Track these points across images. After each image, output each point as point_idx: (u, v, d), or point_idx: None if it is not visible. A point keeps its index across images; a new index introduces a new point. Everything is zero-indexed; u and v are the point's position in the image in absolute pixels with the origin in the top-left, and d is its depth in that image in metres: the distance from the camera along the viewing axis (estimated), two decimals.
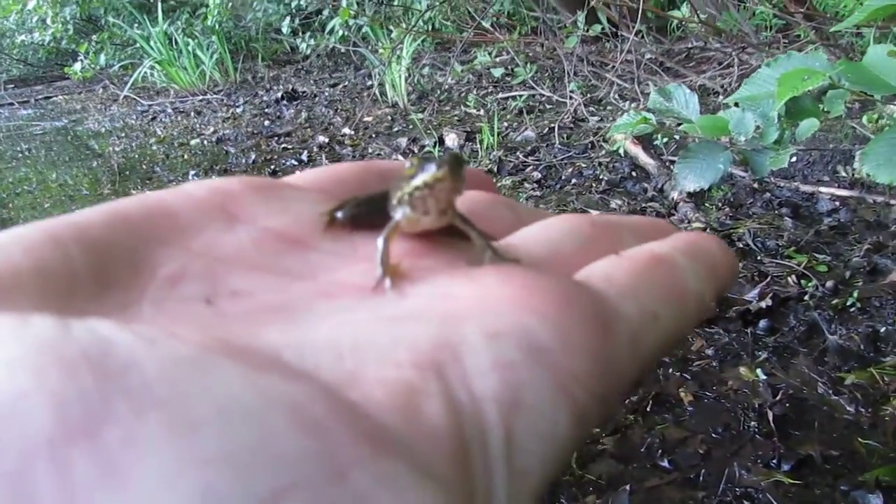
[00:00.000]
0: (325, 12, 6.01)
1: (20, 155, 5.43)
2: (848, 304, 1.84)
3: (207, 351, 0.21)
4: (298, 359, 0.23)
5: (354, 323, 0.26)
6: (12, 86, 10.17)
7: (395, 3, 5.52)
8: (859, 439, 1.44)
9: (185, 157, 4.56)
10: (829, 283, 1.92)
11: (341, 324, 0.26)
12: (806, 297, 1.89)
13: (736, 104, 1.72)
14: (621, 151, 3.11)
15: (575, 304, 0.27)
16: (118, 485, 0.17)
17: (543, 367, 0.24)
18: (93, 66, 7.63)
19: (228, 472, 0.18)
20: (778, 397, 1.55)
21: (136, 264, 0.29)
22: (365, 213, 0.35)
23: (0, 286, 0.25)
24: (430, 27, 5.21)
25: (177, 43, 7.18)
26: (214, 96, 6.61)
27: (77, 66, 7.53)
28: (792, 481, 1.36)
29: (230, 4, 6.94)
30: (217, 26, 7.08)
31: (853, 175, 2.59)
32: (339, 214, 0.34)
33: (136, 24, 7.69)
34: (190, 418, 0.18)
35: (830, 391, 1.57)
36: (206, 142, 4.86)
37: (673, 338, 0.30)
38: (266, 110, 5.67)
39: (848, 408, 1.52)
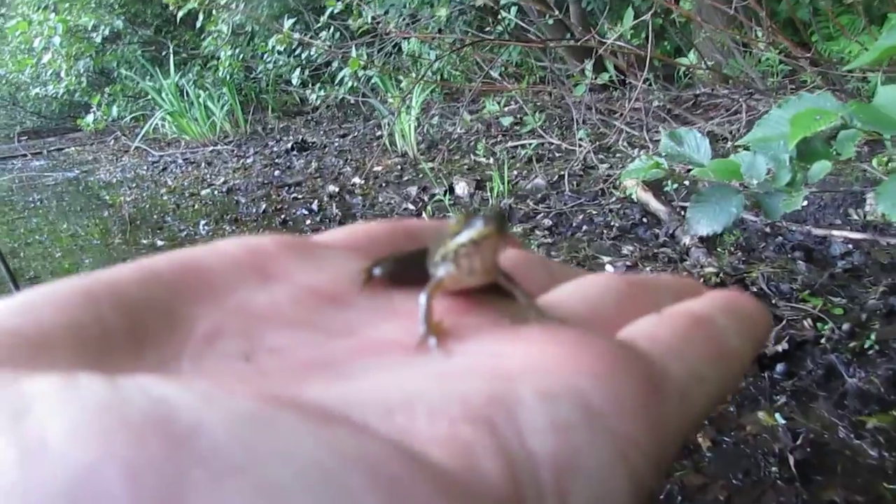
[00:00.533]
0: (335, 64, 6.08)
1: (32, 205, 5.47)
2: (866, 346, 1.82)
3: (267, 406, 0.20)
4: (345, 412, 0.22)
5: (401, 378, 0.25)
6: (26, 137, 10.31)
7: (405, 53, 5.58)
8: (884, 484, 1.42)
9: (196, 206, 4.58)
10: (846, 326, 1.90)
11: (387, 379, 0.25)
12: (822, 341, 1.87)
13: (746, 148, 1.73)
14: (633, 197, 3.12)
15: (626, 365, 0.26)
16: None
17: (601, 430, 0.23)
18: (105, 117, 7.72)
19: None
20: (798, 442, 1.52)
21: (171, 322, 0.28)
22: (403, 271, 0.34)
23: (32, 344, 0.24)
24: (439, 77, 5.26)
25: (188, 95, 7.28)
26: (225, 147, 6.67)
27: (90, 117, 7.61)
28: None
29: (241, 56, 7.03)
30: (228, 78, 7.17)
31: (865, 218, 2.58)
32: (377, 271, 0.34)
33: (148, 77, 7.81)
34: (270, 484, 0.18)
35: (852, 435, 1.55)
36: (216, 192, 4.90)
37: (718, 397, 0.30)
38: (276, 161, 5.71)
39: (871, 452, 1.49)
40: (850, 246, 2.40)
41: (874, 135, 2.72)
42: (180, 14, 5.14)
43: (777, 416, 1.63)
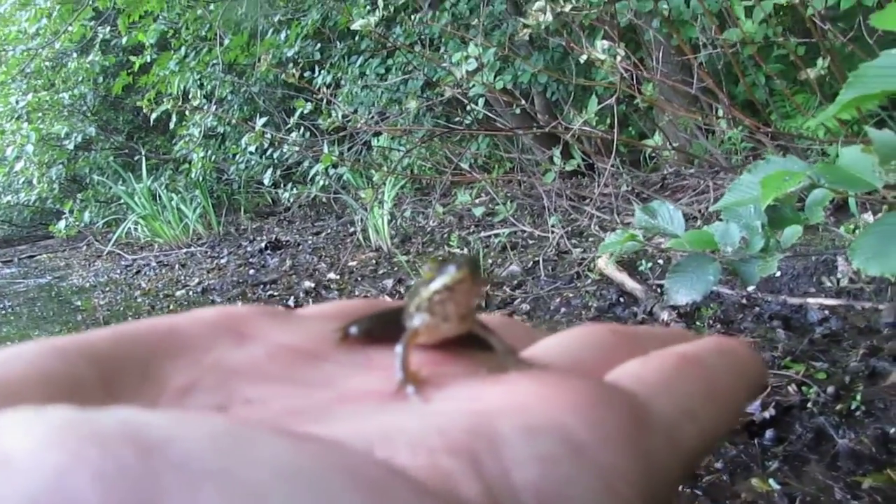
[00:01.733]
0: (306, 163, 6.16)
1: (3, 312, 5.40)
2: (853, 407, 1.82)
3: (245, 427, 0.20)
4: None
5: (381, 419, 0.25)
6: None
7: (374, 151, 5.67)
8: None
9: (171, 307, 4.55)
10: (831, 389, 1.91)
11: (367, 420, 0.25)
12: (809, 405, 1.87)
13: (719, 218, 1.76)
14: (608, 273, 3.15)
15: (608, 401, 0.26)
16: None
17: (586, 462, 0.23)
18: (77, 223, 7.72)
19: None
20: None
21: (146, 376, 0.28)
22: (379, 329, 0.34)
23: (1, 395, 0.24)
24: (410, 171, 5.34)
25: (160, 198, 7.31)
26: (198, 248, 6.67)
27: (61, 224, 7.61)
28: None
29: (213, 158, 7.10)
30: (200, 180, 7.23)
31: (838, 284, 2.62)
32: (353, 330, 0.34)
33: (120, 182, 7.85)
34: (248, 486, 0.17)
35: (849, 496, 1.53)
36: (191, 292, 4.87)
37: (712, 436, 0.29)
38: (250, 260, 5.71)
39: None
40: (827, 312, 2.43)
41: (841, 202, 2.79)
42: (154, 116, 5.21)
43: (771, 481, 1.62)
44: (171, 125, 6.96)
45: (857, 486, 1.57)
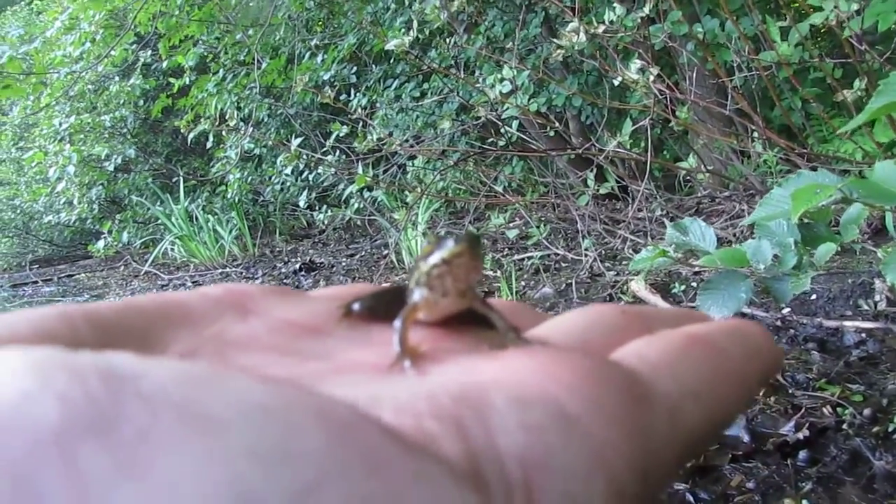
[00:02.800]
0: (341, 186, 6.21)
1: None
2: (889, 430, 1.79)
3: (222, 370, 0.20)
4: None
5: (371, 386, 0.25)
6: (37, 265, 10.44)
7: (409, 175, 5.71)
8: None
9: None
10: (867, 412, 1.87)
11: (357, 388, 0.25)
12: (844, 426, 1.84)
13: (752, 235, 1.75)
14: (641, 296, 3.13)
15: (605, 378, 0.26)
16: (137, 477, 0.16)
17: (576, 434, 0.23)
18: (115, 243, 7.83)
19: (258, 466, 0.17)
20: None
21: (146, 343, 0.29)
22: (382, 306, 0.34)
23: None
24: (444, 194, 5.37)
25: (197, 219, 7.40)
26: (234, 269, 6.73)
27: (100, 243, 7.72)
28: None
29: (249, 180, 7.18)
30: (236, 202, 7.31)
31: (876, 308, 2.58)
32: (356, 306, 0.34)
33: (158, 203, 7.96)
34: (210, 418, 0.18)
35: None
36: None
37: (719, 419, 0.29)
38: (284, 281, 5.75)
39: None
40: (864, 335, 2.39)
41: (879, 225, 2.75)
42: (191, 137, 5.29)
43: (805, 503, 1.59)
44: (209, 147, 7.07)
45: None
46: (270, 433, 0.18)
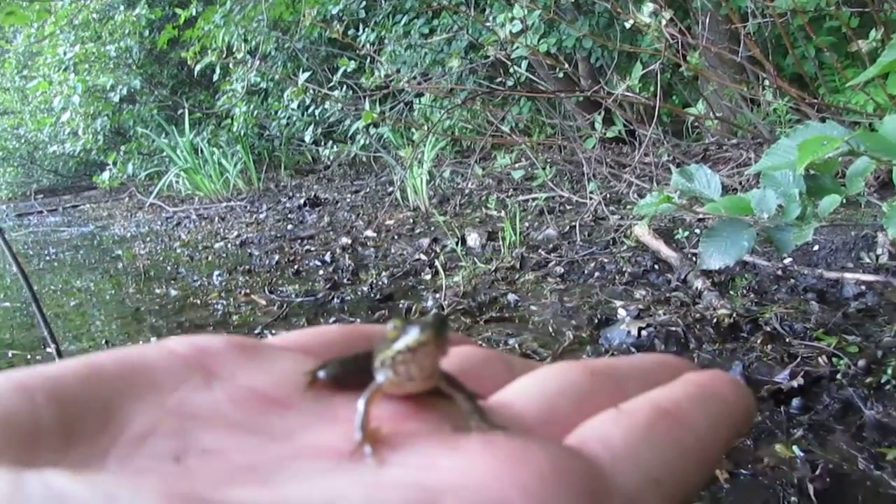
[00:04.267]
0: (347, 122, 6.17)
1: (48, 258, 5.53)
2: (882, 381, 1.81)
3: (167, 502, 0.21)
4: None
5: (329, 486, 0.25)
6: (42, 195, 10.47)
7: (416, 112, 5.67)
8: None
9: (210, 259, 4.62)
10: (861, 363, 1.89)
11: (315, 486, 0.25)
12: (838, 376, 1.87)
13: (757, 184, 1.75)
14: (644, 241, 3.15)
15: (564, 479, 0.26)
16: None
17: None
18: (120, 175, 7.84)
19: None
20: (817, 472, 1.51)
21: (107, 419, 0.28)
22: (348, 374, 0.34)
23: None
24: (450, 132, 5.34)
25: (202, 152, 7.39)
26: (238, 203, 6.74)
27: (105, 175, 7.74)
28: None
29: (255, 114, 7.15)
30: (242, 135, 7.28)
31: (877, 261, 2.59)
32: (321, 374, 0.34)
33: (163, 135, 7.93)
34: None
35: (872, 466, 1.53)
36: (229, 245, 4.94)
37: (678, 499, 0.28)
38: (289, 216, 5.77)
39: (892, 482, 1.48)
40: (863, 287, 2.40)
41: (886, 178, 2.74)
42: (197, 69, 5.25)
43: (795, 448, 1.62)
44: (215, 80, 7.01)
45: (881, 457, 1.56)
46: None
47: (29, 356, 2.94)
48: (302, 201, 6.13)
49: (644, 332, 2.27)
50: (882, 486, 1.48)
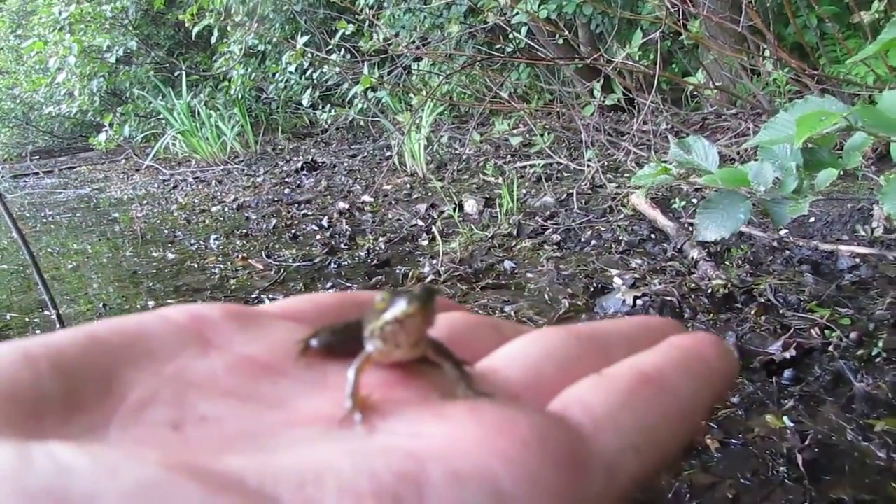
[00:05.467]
0: (345, 85, 6.14)
1: (44, 221, 5.52)
2: (873, 354, 1.83)
3: (168, 473, 0.21)
4: (259, 484, 0.23)
5: (319, 452, 0.25)
6: (37, 157, 10.41)
7: (414, 77, 5.64)
8: (892, 484, 1.42)
9: (207, 222, 4.62)
10: (853, 335, 1.91)
11: (306, 453, 0.25)
12: (830, 348, 1.88)
13: (756, 160, 1.75)
14: (641, 209, 3.15)
15: (545, 446, 0.26)
16: None
17: None
18: (117, 136, 7.79)
19: None
20: (806, 443, 1.53)
21: (108, 388, 0.29)
22: (339, 342, 0.35)
23: None
24: (449, 97, 5.32)
25: (199, 115, 7.35)
26: (235, 166, 6.73)
27: (101, 136, 7.69)
28: None
29: (253, 77, 7.10)
30: (239, 98, 7.25)
31: (872, 233, 2.60)
32: (314, 342, 0.35)
33: (160, 97, 7.89)
34: None
35: (860, 437, 1.56)
36: (227, 208, 4.94)
37: (655, 467, 0.29)
38: (286, 179, 5.76)
39: (879, 454, 1.50)
40: (858, 260, 2.42)
41: (884, 151, 2.74)
42: (195, 31, 5.20)
43: (785, 418, 1.64)
44: (212, 42, 6.96)
45: (869, 428, 1.59)
46: None
47: (27, 319, 2.95)
48: (299, 165, 6.12)
49: (639, 302, 2.28)
50: (869, 457, 1.51)
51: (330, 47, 4.72)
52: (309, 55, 4.43)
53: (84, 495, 0.19)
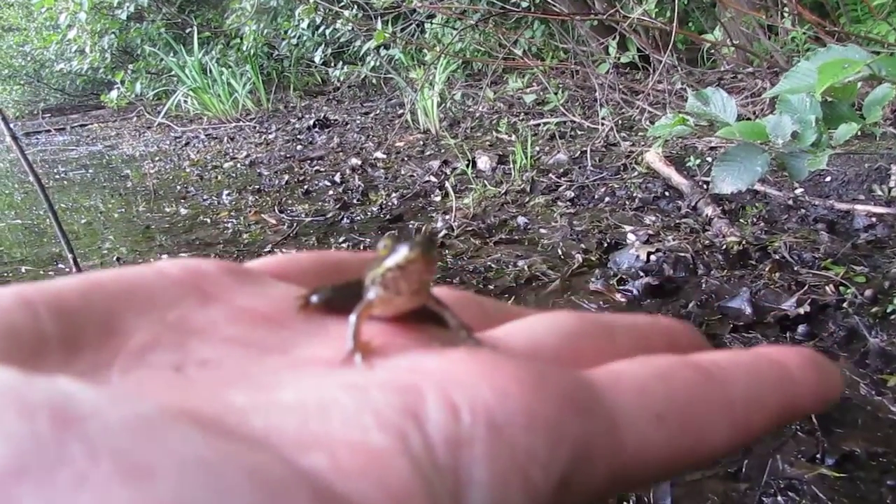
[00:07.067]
0: (357, 43, 6.10)
1: (57, 177, 5.53)
2: (888, 311, 1.82)
3: (170, 413, 0.21)
4: (264, 419, 0.23)
5: (322, 389, 0.25)
6: (49, 114, 10.42)
7: (427, 34, 5.60)
8: None
9: (219, 178, 4.62)
10: (868, 292, 1.90)
11: (307, 389, 0.25)
12: (845, 305, 1.88)
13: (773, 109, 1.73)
14: (655, 167, 3.14)
15: (543, 384, 0.26)
16: None
17: (500, 444, 0.24)
18: (129, 94, 7.78)
19: None
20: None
21: (109, 331, 0.29)
22: (339, 299, 0.35)
23: None
24: (462, 55, 5.28)
25: (211, 72, 7.32)
26: (247, 124, 6.71)
27: (113, 94, 7.69)
28: (837, 475, 1.35)
29: (265, 33, 7.06)
30: (251, 55, 7.21)
31: (889, 193, 2.58)
32: (314, 298, 0.35)
33: (171, 54, 7.85)
34: (146, 465, 0.18)
35: (873, 392, 1.56)
36: (239, 165, 4.94)
37: (689, 450, 0.27)
38: (298, 136, 5.75)
39: (892, 408, 1.50)
40: (874, 220, 2.40)
41: None
42: None
43: None
44: None
45: (882, 383, 1.59)
46: (201, 487, 0.18)
47: (42, 272, 2.97)
48: (311, 122, 6.11)
49: (653, 257, 2.28)
50: (882, 411, 1.51)
51: (343, 3, 4.68)
52: (321, 11, 4.39)
53: (84, 417, 0.19)
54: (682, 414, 0.27)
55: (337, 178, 4.04)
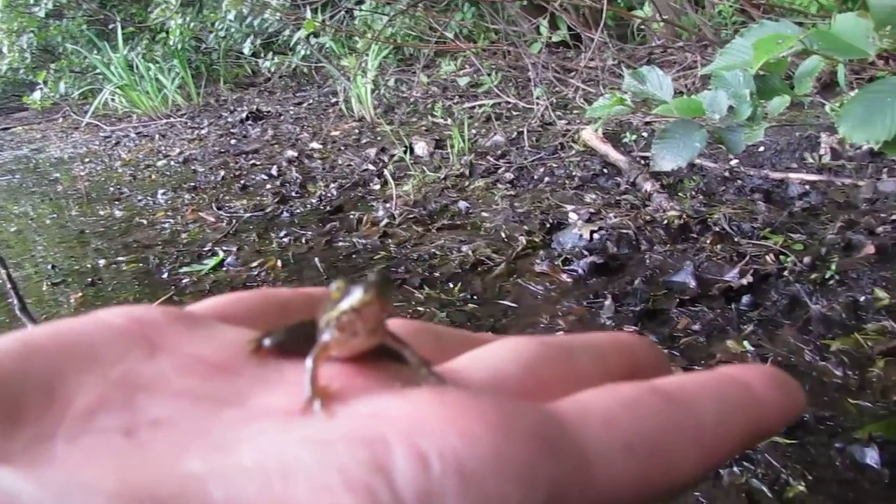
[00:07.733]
0: (287, 32, 6.02)
1: None
2: (827, 277, 1.87)
3: (119, 500, 0.20)
4: (225, 489, 0.22)
5: (282, 446, 0.24)
6: None
7: (357, 20, 5.55)
8: (849, 400, 1.47)
9: (153, 177, 4.53)
10: (807, 259, 1.95)
11: (268, 447, 0.24)
12: (785, 273, 1.92)
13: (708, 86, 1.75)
14: (592, 145, 3.17)
15: (512, 424, 0.25)
16: None
17: (472, 492, 0.23)
18: (52, 94, 7.56)
19: None
20: (767, 365, 1.57)
21: (50, 396, 0.27)
22: (293, 341, 0.33)
23: None
24: (394, 40, 5.24)
25: (138, 68, 7.14)
26: (178, 119, 6.58)
27: (36, 94, 7.47)
28: (788, 441, 1.38)
29: (191, 26, 6.92)
30: (178, 49, 7.06)
31: (820, 161, 2.65)
32: (267, 341, 0.33)
33: (95, 51, 7.65)
34: None
35: (817, 357, 1.60)
36: (172, 162, 4.84)
37: (661, 479, 0.26)
38: (231, 130, 5.66)
39: (836, 372, 1.55)
40: (807, 187, 2.46)
41: (828, 80, 2.77)
42: None
43: (745, 343, 1.68)
44: None
45: (826, 348, 1.63)
46: None
47: None
48: (244, 115, 6.00)
49: (596, 236, 2.30)
50: (827, 376, 1.55)
51: None
52: (248, 1, 4.32)
53: None
54: (651, 442, 0.26)
55: (274, 172, 3.99)
